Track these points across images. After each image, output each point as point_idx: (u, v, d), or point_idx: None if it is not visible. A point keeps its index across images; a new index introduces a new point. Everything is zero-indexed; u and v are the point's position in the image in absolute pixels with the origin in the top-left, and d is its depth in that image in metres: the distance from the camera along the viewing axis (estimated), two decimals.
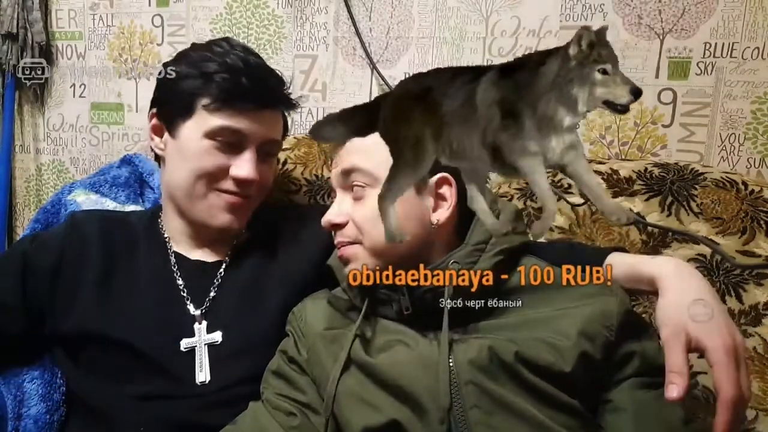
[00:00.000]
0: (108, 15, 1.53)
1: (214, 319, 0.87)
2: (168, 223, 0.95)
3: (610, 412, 0.69)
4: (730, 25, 1.09)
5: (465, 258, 0.74)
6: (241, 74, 0.86)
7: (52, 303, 0.86)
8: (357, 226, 0.77)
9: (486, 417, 0.65)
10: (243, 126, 0.86)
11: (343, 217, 0.78)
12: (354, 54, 1.33)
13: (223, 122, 0.86)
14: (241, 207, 0.90)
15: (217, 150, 0.87)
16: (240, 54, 0.89)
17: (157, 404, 0.81)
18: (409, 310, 0.74)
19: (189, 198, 0.89)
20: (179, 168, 0.89)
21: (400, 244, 0.57)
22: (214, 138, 0.86)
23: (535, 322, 0.72)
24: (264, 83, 0.89)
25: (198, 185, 0.88)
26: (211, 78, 0.86)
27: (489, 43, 1.24)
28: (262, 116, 0.88)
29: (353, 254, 0.77)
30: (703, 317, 0.63)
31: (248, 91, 0.86)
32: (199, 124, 0.87)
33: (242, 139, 0.87)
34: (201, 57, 0.89)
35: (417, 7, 1.28)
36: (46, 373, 0.89)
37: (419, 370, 0.69)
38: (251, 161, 0.88)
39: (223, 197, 0.89)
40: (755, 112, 1.10)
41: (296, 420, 0.75)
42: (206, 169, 0.87)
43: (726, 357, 0.60)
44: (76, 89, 1.59)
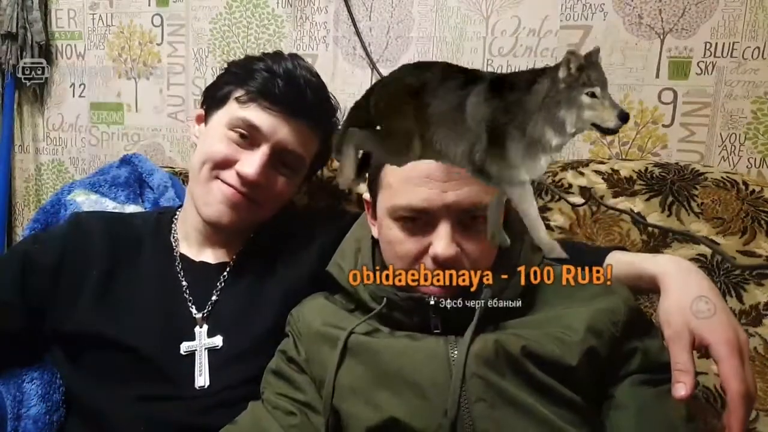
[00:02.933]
0: (108, 15, 1.53)
1: (216, 323, 0.87)
2: (183, 223, 0.95)
3: (612, 409, 0.69)
4: (731, 25, 1.09)
5: (498, 281, 0.72)
6: (279, 78, 0.87)
7: (53, 302, 0.85)
8: (473, 262, 0.73)
9: (490, 410, 0.65)
10: (262, 123, 0.87)
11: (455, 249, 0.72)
12: (354, 54, 1.33)
13: (245, 115, 0.87)
14: (238, 204, 0.88)
15: (232, 141, 0.88)
16: (291, 64, 0.90)
17: (156, 405, 0.80)
18: (438, 329, 0.72)
19: (195, 181, 0.91)
20: (197, 152, 0.92)
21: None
22: (233, 129, 0.88)
23: (544, 320, 0.72)
24: (299, 93, 0.89)
25: (204, 169, 0.89)
26: (252, 74, 0.88)
27: (489, 43, 1.24)
28: (288, 123, 0.88)
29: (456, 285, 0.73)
30: (705, 314, 0.63)
31: (280, 93, 0.87)
32: (226, 114, 0.89)
33: (259, 137, 0.87)
34: (257, 58, 0.92)
35: (417, 7, 1.28)
36: (45, 373, 0.88)
37: (424, 361, 0.69)
38: (259, 161, 0.87)
39: (222, 188, 0.88)
40: (756, 112, 1.10)
41: (296, 419, 0.75)
42: (215, 156, 0.88)
43: (730, 352, 0.60)
44: (76, 89, 1.59)
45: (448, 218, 0.71)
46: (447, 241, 0.70)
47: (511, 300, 0.73)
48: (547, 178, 1.07)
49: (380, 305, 0.75)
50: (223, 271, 0.91)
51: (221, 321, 0.87)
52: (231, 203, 0.88)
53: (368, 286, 0.78)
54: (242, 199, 0.88)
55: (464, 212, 0.71)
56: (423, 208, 0.71)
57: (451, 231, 0.71)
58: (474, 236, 0.72)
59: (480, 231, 0.72)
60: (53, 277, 0.86)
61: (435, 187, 0.71)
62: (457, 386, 0.65)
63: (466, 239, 0.72)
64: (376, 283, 0.77)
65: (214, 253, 0.93)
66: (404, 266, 0.74)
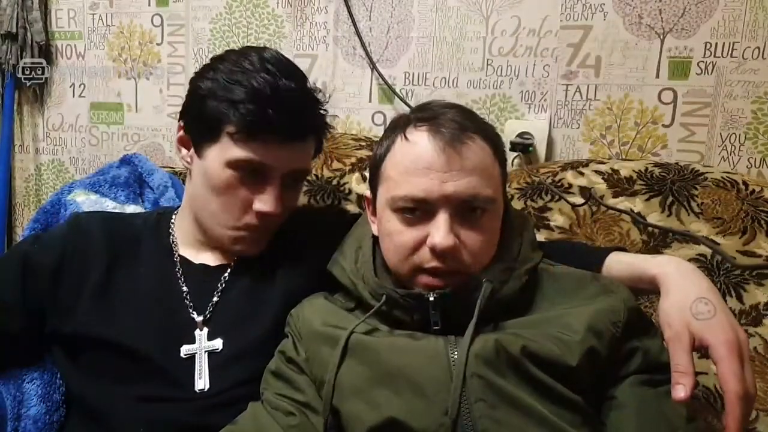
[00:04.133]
0: (108, 15, 1.53)
1: (216, 326, 0.86)
2: (181, 225, 0.95)
3: (612, 409, 0.69)
4: (731, 25, 1.09)
5: (498, 277, 0.73)
6: (268, 104, 0.81)
7: (53, 303, 0.85)
8: (472, 254, 0.73)
9: (490, 410, 0.65)
10: (267, 159, 0.83)
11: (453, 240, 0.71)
12: (354, 54, 1.33)
13: (246, 154, 0.82)
14: (262, 237, 0.89)
15: (239, 182, 0.84)
16: (268, 77, 0.82)
17: (156, 405, 0.80)
18: (438, 326, 0.72)
19: (213, 224, 0.88)
20: (205, 193, 0.87)
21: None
22: (236, 168, 0.83)
23: (544, 320, 0.72)
24: (293, 114, 0.83)
25: (224, 217, 0.86)
26: (237, 106, 0.81)
27: (489, 43, 1.24)
28: (290, 148, 0.85)
29: (455, 281, 0.73)
30: (705, 315, 0.63)
31: (274, 122, 0.81)
32: (223, 152, 0.83)
33: (266, 171, 0.84)
34: (230, 77, 0.83)
35: (417, 7, 1.28)
36: (45, 373, 0.88)
37: (424, 360, 0.69)
38: (275, 195, 0.84)
39: (243, 232, 0.87)
40: (756, 112, 1.10)
41: (296, 419, 0.74)
42: (231, 205, 0.85)
43: (729, 353, 0.60)
44: (76, 89, 1.59)
45: (446, 209, 0.71)
46: (445, 230, 0.70)
47: (512, 295, 0.73)
48: (547, 178, 1.07)
49: (380, 303, 0.75)
50: (223, 272, 0.91)
51: (221, 324, 0.86)
52: (257, 241, 0.89)
53: (368, 283, 0.78)
54: (265, 231, 0.89)
55: (463, 203, 0.72)
56: (422, 198, 0.71)
57: (449, 221, 0.71)
58: (473, 228, 0.73)
59: (479, 223, 0.73)
60: (53, 278, 0.86)
61: (435, 178, 0.71)
62: (458, 386, 0.65)
63: (464, 230, 0.72)
64: (376, 281, 0.78)
65: (213, 255, 0.93)
66: (402, 257, 0.74)
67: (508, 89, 1.24)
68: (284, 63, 0.86)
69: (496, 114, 1.25)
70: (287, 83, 0.83)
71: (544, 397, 0.66)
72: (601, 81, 1.18)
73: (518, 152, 1.20)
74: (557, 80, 1.21)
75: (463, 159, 0.71)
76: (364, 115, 1.34)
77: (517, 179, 1.10)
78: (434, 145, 0.72)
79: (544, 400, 0.65)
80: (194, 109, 0.87)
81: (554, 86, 1.21)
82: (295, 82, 0.85)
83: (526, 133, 1.20)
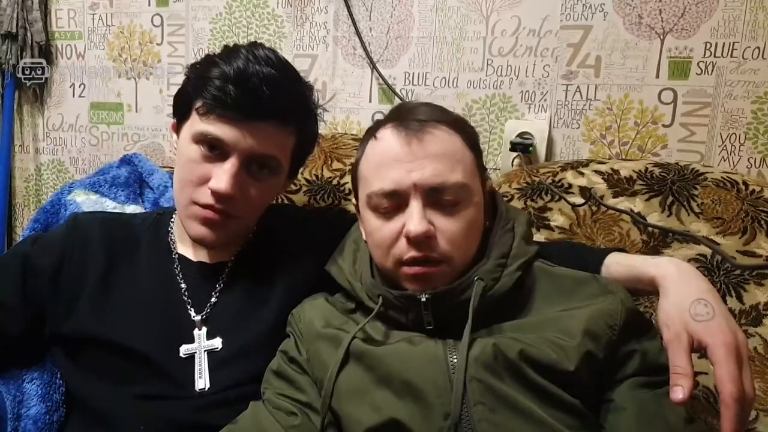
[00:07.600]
0: (108, 15, 1.53)
1: (215, 325, 0.86)
2: (179, 222, 0.94)
3: (611, 412, 0.69)
4: (731, 25, 1.09)
5: (489, 274, 0.73)
6: (230, 82, 0.81)
7: (52, 304, 0.85)
8: (449, 241, 0.73)
9: (490, 414, 0.65)
10: (224, 135, 0.82)
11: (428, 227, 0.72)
12: (354, 54, 1.33)
13: (205, 128, 0.82)
14: (217, 223, 0.85)
15: (202, 158, 0.83)
16: (242, 62, 0.82)
17: (156, 405, 0.80)
18: (431, 326, 0.73)
19: (177, 202, 0.88)
20: (176, 171, 0.88)
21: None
22: (198, 143, 0.83)
23: (541, 323, 0.72)
24: (253, 94, 0.81)
25: (184, 193, 0.85)
26: (206, 82, 0.82)
27: (489, 43, 1.24)
28: (252, 127, 0.82)
29: (441, 274, 0.73)
30: (704, 316, 0.63)
31: (233, 99, 0.81)
32: (190, 127, 0.85)
33: (225, 148, 0.83)
34: (211, 60, 0.85)
35: (417, 7, 1.28)
36: (45, 373, 0.88)
37: (424, 365, 0.69)
38: (230, 173, 0.82)
39: (197, 211, 0.84)
40: (756, 112, 1.10)
41: (297, 419, 0.75)
42: (190, 179, 0.84)
43: (727, 354, 0.60)
44: (76, 89, 1.59)
45: (417, 197, 0.72)
46: (418, 217, 0.71)
47: (505, 293, 0.73)
48: (547, 178, 1.07)
49: (378, 304, 0.76)
50: (222, 271, 0.91)
51: (220, 323, 0.86)
52: (210, 223, 0.85)
53: (365, 285, 0.79)
54: (220, 218, 0.84)
55: (432, 190, 0.72)
56: (393, 189, 0.73)
57: (421, 208, 0.72)
58: (448, 215, 0.73)
59: (455, 211, 0.73)
60: (53, 279, 0.86)
61: (402, 168, 0.73)
62: (460, 390, 0.65)
63: (440, 218, 0.73)
64: (372, 281, 0.78)
65: (212, 254, 0.93)
66: (384, 252, 0.75)
67: (508, 89, 1.24)
68: (272, 57, 0.85)
69: (496, 114, 1.25)
70: (260, 68, 0.82)
71: (543, 400, 0.66)
72: (601, 81, 1.18)
73: (518, 152, 1.20)
74: (557, 80, 1.21)
75: (427, 147, 0.73)
76: (364, 115, 1.34)
77: (517, 179, 1.10)
78: (399, 138, 0.74)
79: (542, 403, 0.65)
80: (179, 91, 0.89)
81: (554, 86, 1.21)
82: (276, 71, 0.83)
83: (526, 133, 1.20)
